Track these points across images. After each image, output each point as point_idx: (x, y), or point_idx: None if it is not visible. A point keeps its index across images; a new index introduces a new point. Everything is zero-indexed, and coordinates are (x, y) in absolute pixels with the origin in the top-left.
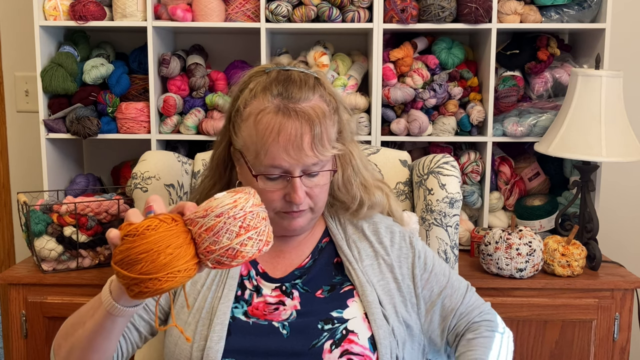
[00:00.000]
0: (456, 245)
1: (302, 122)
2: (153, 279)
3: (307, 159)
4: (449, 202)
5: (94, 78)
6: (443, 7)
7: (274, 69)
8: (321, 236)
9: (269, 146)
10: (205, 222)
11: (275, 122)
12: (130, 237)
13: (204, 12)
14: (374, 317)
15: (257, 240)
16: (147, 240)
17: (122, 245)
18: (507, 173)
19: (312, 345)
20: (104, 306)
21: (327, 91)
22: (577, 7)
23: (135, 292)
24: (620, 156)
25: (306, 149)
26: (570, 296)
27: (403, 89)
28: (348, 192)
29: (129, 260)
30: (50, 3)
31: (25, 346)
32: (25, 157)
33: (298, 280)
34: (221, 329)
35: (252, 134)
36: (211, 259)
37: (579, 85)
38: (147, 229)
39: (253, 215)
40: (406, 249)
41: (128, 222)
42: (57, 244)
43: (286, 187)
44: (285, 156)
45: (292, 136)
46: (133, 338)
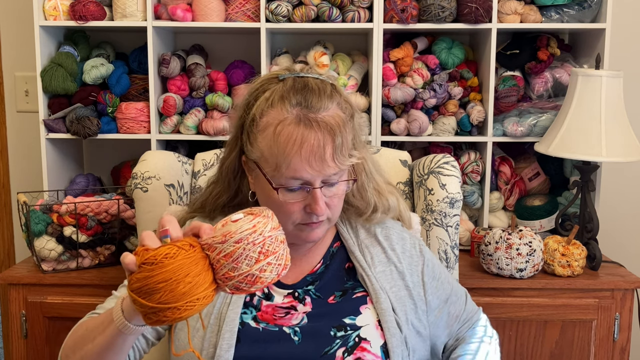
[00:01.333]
0: (456, 245)
1: (324, 133)
2: (172, 309)
3: (329, 170)
4: (449, 202)
5: (94, 78)
6: (443, 7)
7: (288, 76)
8: (332, 241)
9: (292, 158)
10: (224, 248)
11: (297, 133)
12: (148, 265)
13: (204, 12)
14: (388, 324)
15: (276, 265)
16: (166, 270)
17: (139, 273)
18: (507, 173)
19: (325, 353)
20: (115, 324)
21: (343, 98)
22: (577, 7)
23: (153, 321)
24: (621, 156)
25: (328, 160)
26: (570, 296)
27: (403, 89)
28: (362, 198)
29: (147, 290)
30: (50, 3)
31: (25, 346)
32: (25, 157)
33: (310, 286)
34: (230, 337)
35: (271, 146)
36: (230, 285)
37: (579, 85)
38: (166, 257)
39: (272, 240)
40: (416, 257)
41: (144, 247)
42: (57, 244)
43: (306, 198)
44: (308, 168)
45: (315, 147)
46: (141, 345)
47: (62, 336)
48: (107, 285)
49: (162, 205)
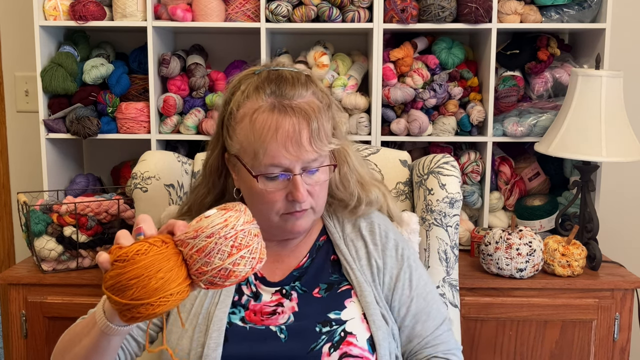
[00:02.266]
0: (456, 245)
1: (299, 118)
2: (145, 304)
3: (307, 155)
4: (449, 202)
5: (94, 78)
6: (443, 7)
7: (263, 70)
8: (318, 235)
9: (268, 144)
10: (196, 244)
11: (272, 120)
12: (120, 262)
13: (204, 12)
14: (373, 317)
15: (250, 258)
16: (138, 266)
17: (112, 271)
18: (507, 173)
19: (311, 349)
20: (98, 326)
21: (318, 88)
22: (577, 7)
23: (128, 317)
24: (621, 156)
25: (305, 144)
26: (570, 296)
27: (403, 89)
28: (346, 189)
29: (120, 286)
30: (50, 3)
31: (25, 346)
32: (25, 157)
33: (297, 281)
34: (218, 336)
35: (248, 135)
36: (204, 280)
37: (579, 85)
38: (137, 253)
39: (245, 234)
40: (394, 260)
41: (118, 246)
42: (57, 244)
43: (287, 186)
44: (285, 153)
45: (291, 132)
46: (131, 348)
47: None
48: None
49: (161, 205)
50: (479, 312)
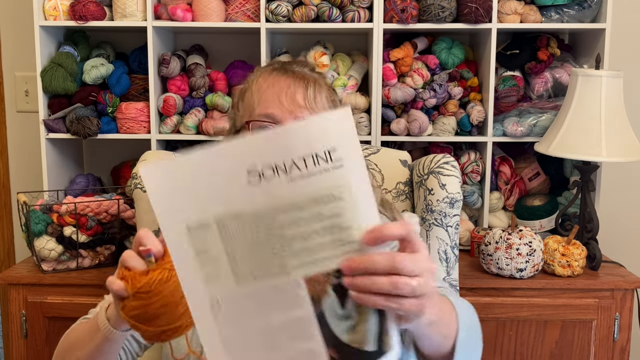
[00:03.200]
0: (456, 245)
1: (296, 80)
2: (174, 328)
3: (300, 111)
4: (449, 202)
5: (94, 78)
6: (443, 7)
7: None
8: None
9: (262, 94)
10: None
11: (271, 77)
12: (143, 293)
13: (204, 12)
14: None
15: None
16: (163, 295)
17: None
18: (507, 173)
19: None
20: (102, 332)
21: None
22: (577, 7)
23: (155, 340)
24: (621, 156)
25: (299, 100)
26: (570, 296)
27: (403, 89)
28: None
29: (148, 317)
30: (50, 3)
31: (25, 346)
32: (25, 157)
33: None
34: None
35: (249, 96)
36: None
37: (579, 85)
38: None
39: None
40: None
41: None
42: (57, 244)
43: None
44: (278, 104)
45: (285, 88)
46: (132, 349)
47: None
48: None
49: None
50: (479, 312)
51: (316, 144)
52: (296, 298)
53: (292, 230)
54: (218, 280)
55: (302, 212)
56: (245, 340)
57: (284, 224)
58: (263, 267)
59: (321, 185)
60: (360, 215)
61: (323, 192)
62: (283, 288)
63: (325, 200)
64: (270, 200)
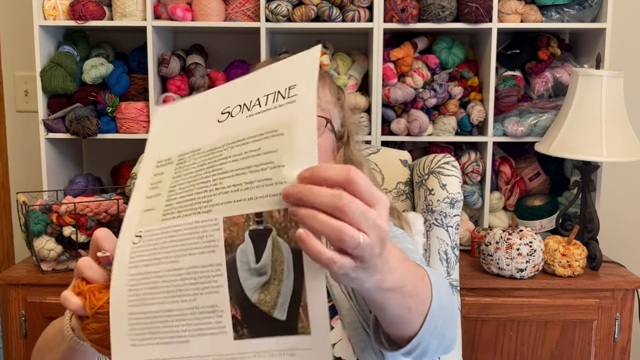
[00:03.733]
0: (457, 245)
1: None
2: None
3: None
4: (449, 202)
5: (93, 78)
6: (443, 7)
7: None
8: None
9: None
10: None
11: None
12: (102, 314)
13: (203, 11)
14: (355, 340)
15: None
16: None
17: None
18: (507, 173)
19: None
20: (67, 342)
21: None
22: (578, 6)
23: None
24: (621, 156)
25: None
26: (570, 296)
27: (403, 89)
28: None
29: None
30: (49, 3)
31: (25, 346)
32: (25, 157)
33: None
34: None
35: None
36: None
37: (579, 85)
38: None
39: None
40: None
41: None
42: (57, 244)
43: None
44: None
45: None
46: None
47: None
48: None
49: None
50: (480, 313)
51: (282, 82)
52: (210, 240)
53: (229, 165)
54: (151, 214)
55: (244, 146)
56: (151, 281)
57: (225, 158)
58: (191, 203)
59: (270, 119)
60: (297, 157)
61: (268, 127)
62: (200, 227)
63: (267, 134)
64: (224, 135)
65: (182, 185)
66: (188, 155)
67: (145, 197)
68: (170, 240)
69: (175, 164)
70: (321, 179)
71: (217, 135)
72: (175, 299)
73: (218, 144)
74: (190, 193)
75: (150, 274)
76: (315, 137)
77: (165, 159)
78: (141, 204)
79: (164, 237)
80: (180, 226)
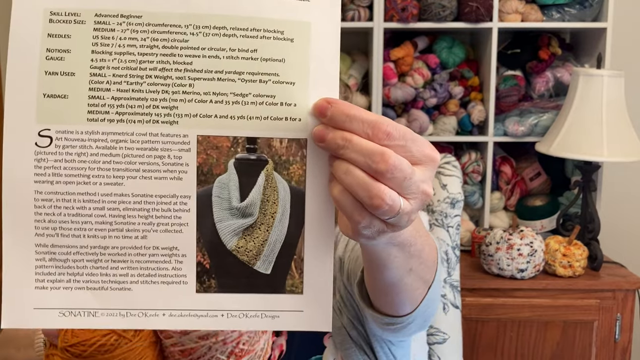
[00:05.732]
0: (457, 246)
1: None
2: None
3: None
4: (450, 202)
5: None
6: (444, 6)
7: None
8: None
9: None
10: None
11: None
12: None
13: None
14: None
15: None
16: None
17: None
18: (508, 173)
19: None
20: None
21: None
22: (579, 6)
23: None
24: (622, 156)
25: None
26: (571, 297)
27: (403, 89)
28: None
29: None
30: None
31: None
32: None
33: None
34: None
35: None
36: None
37: (580, 84)
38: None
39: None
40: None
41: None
42: None
43: None
44: None
45: None
46: None
47: None
48: None
49: None
50: (480, 313)
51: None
52: (175, 164)
53: (205, 62)
54: (62, 104)
55: (230, 40)
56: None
57: (196, 48)
58: (139, 103)
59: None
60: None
61: (269, 22)
62: (160, 143)
63: (269, 33)
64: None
65: (118, 72)
66: (115, 20)
67: (42, 72)
68: (107, 154)
69: (93, 28)
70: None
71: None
72: (115, 233)
73: (178, 20)
74: (137, 89)
75: (72, 195)
76: (337, 56)
77: (69, 12)
78: (36, 81)
79: (97, 146)
80: (125, 135)
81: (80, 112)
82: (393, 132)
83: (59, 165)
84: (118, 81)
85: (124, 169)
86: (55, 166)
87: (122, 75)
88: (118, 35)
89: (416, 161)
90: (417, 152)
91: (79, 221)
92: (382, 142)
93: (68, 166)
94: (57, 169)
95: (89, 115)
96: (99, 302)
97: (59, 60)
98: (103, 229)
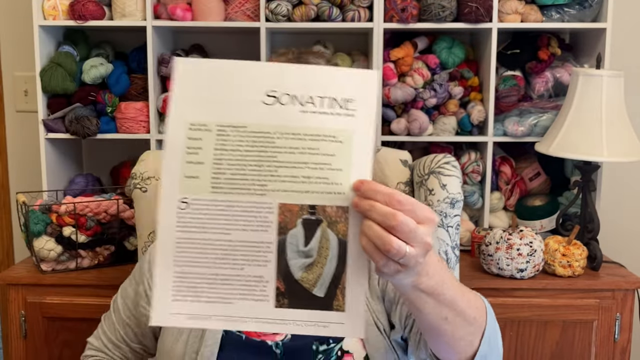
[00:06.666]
0: (457, 245)
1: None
2: None
3: None
4: (450, 202)
5: (93, 78)
6: (443, 7)
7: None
8: None
9: None
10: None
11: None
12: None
13: (203, 11)
14: (366, 336)
15: None
16: None
17: None
18: (507, 173)
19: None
20: None
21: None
22: (578, 6)
23: None
24: (622, 156)
25: None
26: (571, 296)
27: (403, 89)
28: None
29: None
30: (49, 2)
31: (25, 346)
32: (25, 157)
33: None
34: (213, 344)
35: None
36: None
37: (579, 85)
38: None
39: None
40: None
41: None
42: (56, 244)
43: None
44: None
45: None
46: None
47: (61, 336)
48: (106, 285)
49: None
50: None
51: (337, 91)
52: (264, 221)
53: (285, 156)
54: (195, 182)
55: (301, 142)
56: (199, 247)
57: (280, 147)
58: (243, 182)
59: (328, 124)
60: (353, 164)
61: (327, 130)
62: (255, 208)
63: (326, 138)
64: (277, 122)
65: (231, 162)
66: (231, 129)
67: (185, 162)
68: (221, 213)
69: (216, 134)
70: (374, 190)
71: (265, 119)
72: (224, 265)
73: (269, 129)
74: (242, 172)
75: (198, 240)
76: (371, 153)
77: (200, 124)
78: (180, 167)
79: (215, 209)
80: (233, 202)
81: (206, 187)
82: (403, 200)
83: (191, 220)
84: (230, 168)
85: (232, 223)
86: (190, 220)
87: (233, 165)
88: (231, 139)
89: (420, 221)
90: (421, 214)
91: (200, 257)
92: (395, 207)
93: (197, 221)
94: (189, 222)
95: (212, 189)
96: (212, 311)
97: (194, 154)
98: (216, 263)
